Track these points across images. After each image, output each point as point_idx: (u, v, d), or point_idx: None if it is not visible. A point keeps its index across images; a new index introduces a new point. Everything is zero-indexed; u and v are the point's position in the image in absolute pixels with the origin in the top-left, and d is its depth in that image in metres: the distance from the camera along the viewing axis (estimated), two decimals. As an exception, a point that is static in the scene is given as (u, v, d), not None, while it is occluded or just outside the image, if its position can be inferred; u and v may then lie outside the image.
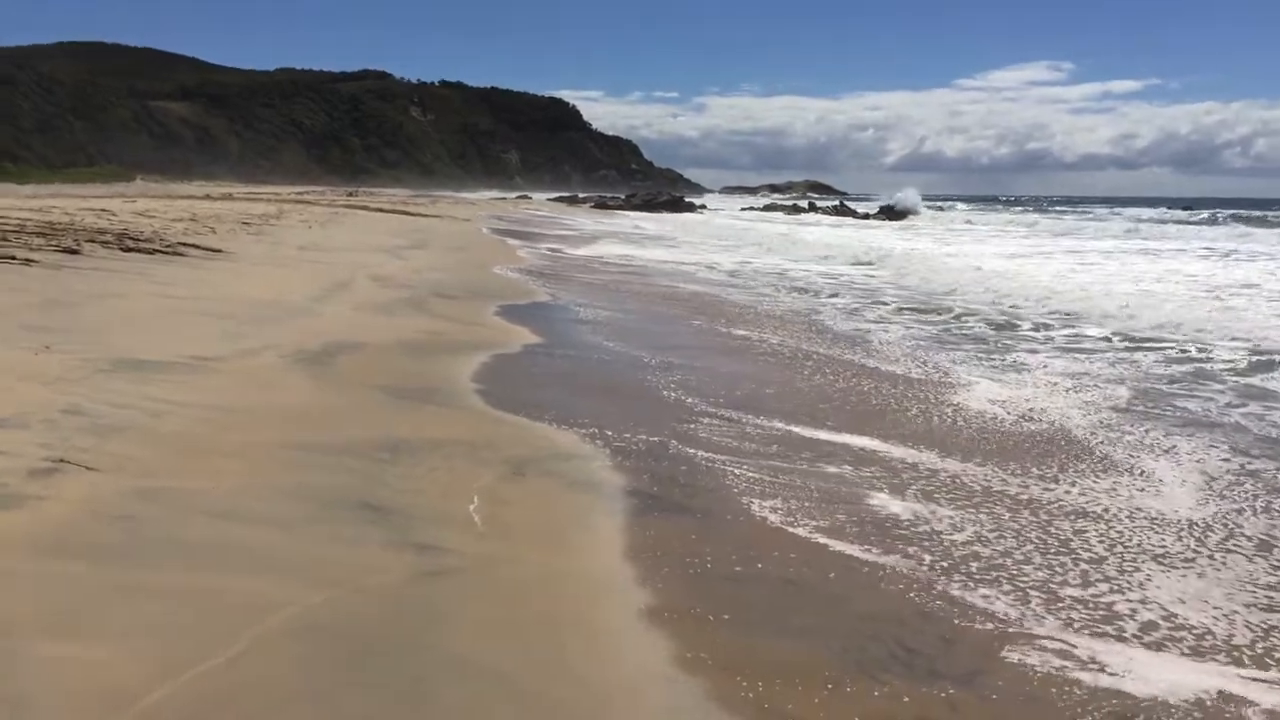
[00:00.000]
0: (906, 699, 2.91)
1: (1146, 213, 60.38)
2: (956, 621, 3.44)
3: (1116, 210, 63.21)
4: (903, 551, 4.07)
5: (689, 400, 6.73)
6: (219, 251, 12.90)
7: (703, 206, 65.78)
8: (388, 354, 7.42)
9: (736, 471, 5.09)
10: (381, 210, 34.32)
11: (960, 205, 75.12)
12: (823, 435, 5.92)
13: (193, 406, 5.26)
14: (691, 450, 5.45)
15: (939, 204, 74.91)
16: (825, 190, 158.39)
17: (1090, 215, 57.97)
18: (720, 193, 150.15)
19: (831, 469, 5.26)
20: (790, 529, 4.29)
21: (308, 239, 17.33)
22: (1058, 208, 73.83)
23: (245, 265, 12.12)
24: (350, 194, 60.75)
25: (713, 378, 7.75)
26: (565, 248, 24.33)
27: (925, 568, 3.91)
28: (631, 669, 3.04)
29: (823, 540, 4.17)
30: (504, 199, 73.09)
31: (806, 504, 4.62)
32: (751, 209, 71.73)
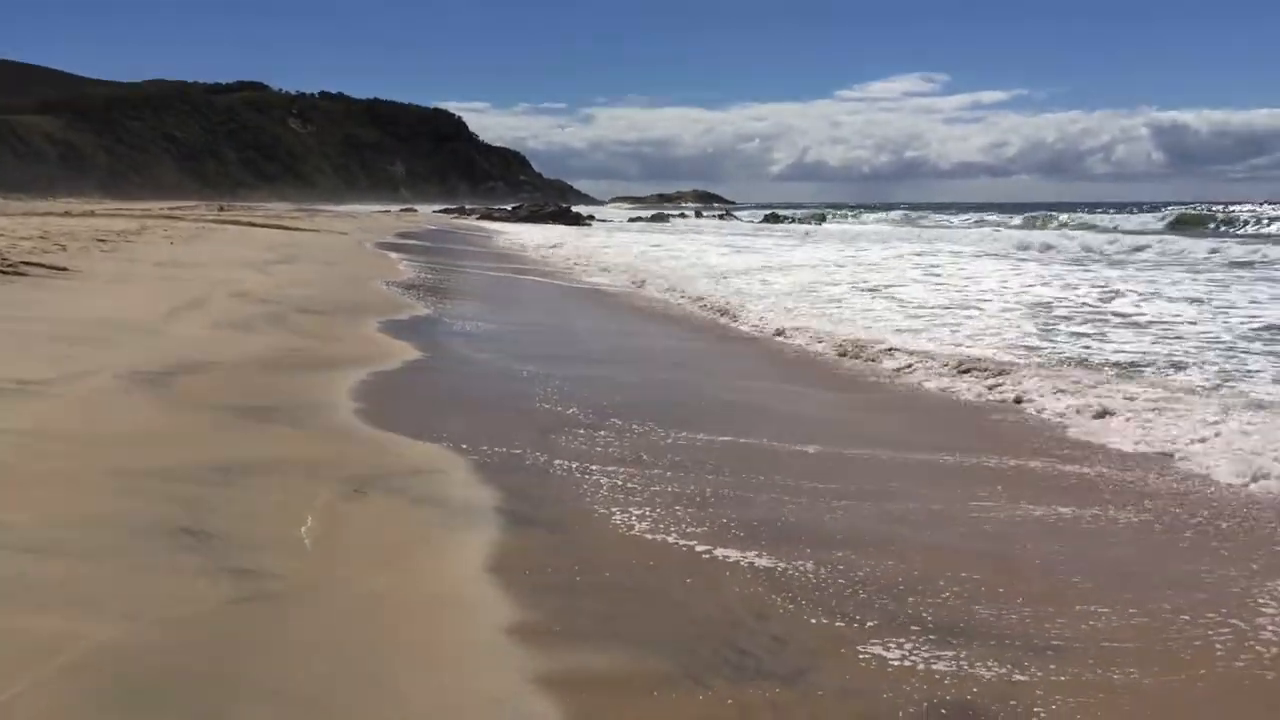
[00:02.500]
0: (730, 701, 2.89)
1: (991, 217, 62.99)
2: (790, 621, 3.44)
3: (981, 216, 65.72)
4: (757, 553, 4.07)
5: (561, 409, 6.65)
6: (64, 270, 12.23)
7: (590, 218, 65.76)
8: (239, 373, 7.12)
9: (600, 480, 5.04)
10: (254, 225, 33.21)
11: (855, 214, 77.06)
12: (685, 437, 5.91)
13: (8, 433, 4.93)
14: (554, 460, 5.37)
15: (827, 212, 76.79)
16: (714, 199, 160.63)
17: (943, 222, 60.06)
18: (610, 203, 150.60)
19: (694, 472, 5.25)
20: (649, 536, 4.25)
21: (168, 255, 16.61)
22: (930, 213, 76.50)
23: (93, 283, 11.51)
24: (221, 208, 58.56)
25: (585, 385, 7.70)
26: (450, 260, 24.01)
27: (773, 567, 3.92)
28: (464, 691, 2.93)
29: (677, 544, 4.15)
30: (388, 212, 71.75)
31: (667, 510, 4.59)
32: (640, 219, 72.18)
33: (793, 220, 63.08)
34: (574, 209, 70.99)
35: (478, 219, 62.96)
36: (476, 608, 3.51)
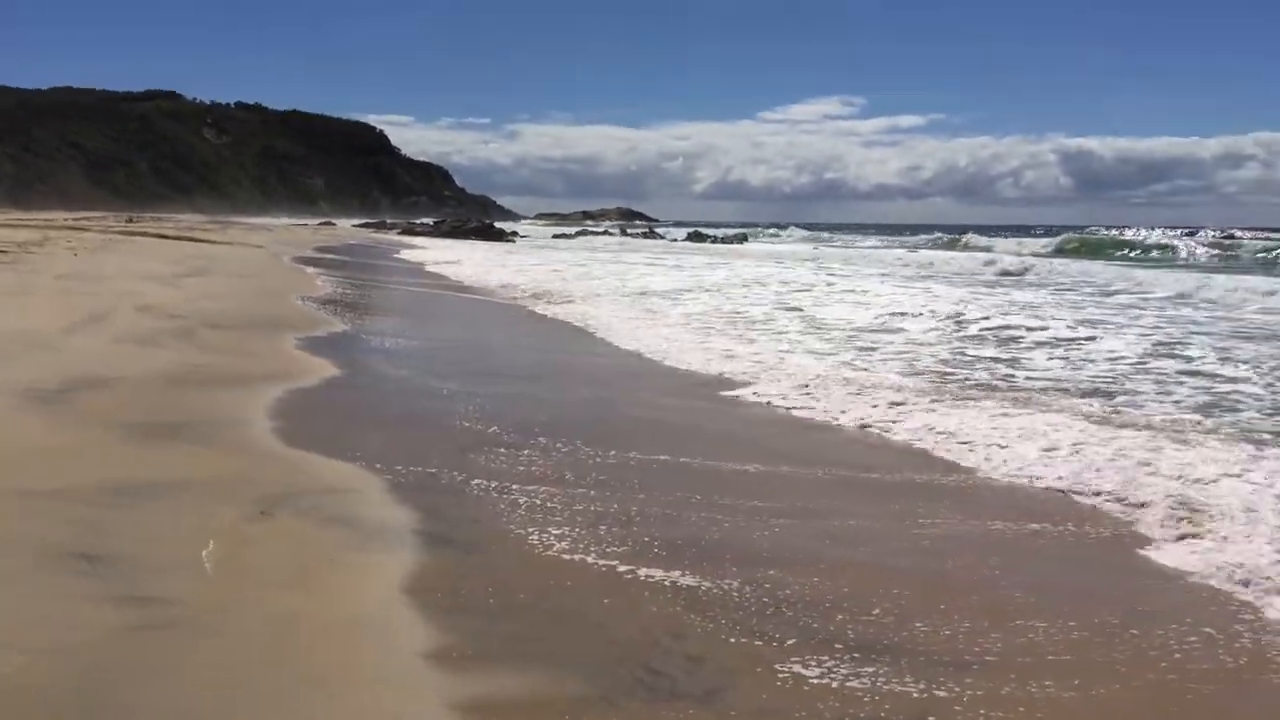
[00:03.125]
0: (642, 725, 2.86)
1: (905, 239, 64.51)
2: (707, 640, 3.43)
3: (895, 237, 67.12)
4: (677, 572, 4.05)
5: (480, 427, 6.56)
6: (-40, 282, 11.68)
7: (514, 234, 65.44)
8: (143, 389, 6.87)
9: (519, 500, 4.96)
10: (164, 237, 32.24)
11: (772, 233, 77.96)
12: (607, 455, 5.88)
13: (-111, 454, 4.66)
14: (472, 479, 5.28)
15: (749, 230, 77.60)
16: (638, 217, 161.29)
17: (853, 242, 61.26)
18: (535, 219, 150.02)
19: (616, 491, 5.21)
20: (568, 556, 4.20)
21: (71, 268, 15.99)
22: (847, 234, 77.95)
23: (-12, 297, 11.02)
24: (129, 219, 56.65)
25: (505, 403, 7.61)
26: (370, 275, 23.62)
27: (693, 586, 3.90)
28: (377, 717, 2.85)
29: (596, 564, 4.10)
30: (306, 225, 70.34)
31: (587, 529, 4.54)
32: (564, 236, 72.12)
33: (715, 239, 63.67)
34: (498, 225, 70.62)
35: (399, 234, 62.19)
36: (390, 631, 3.42)
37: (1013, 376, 9.48)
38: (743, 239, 66.09)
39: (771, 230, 79.91)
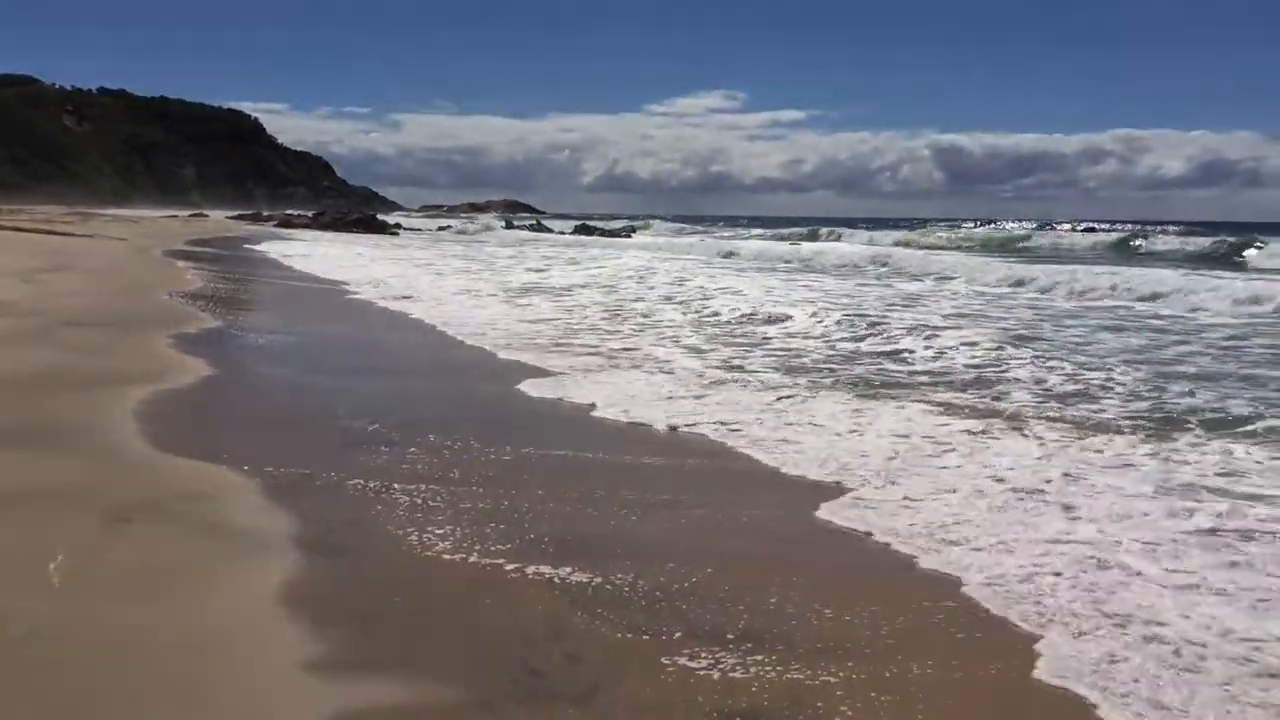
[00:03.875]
0: (521, 727, 2.84)
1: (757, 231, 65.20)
2: (585, 638, 3.42)
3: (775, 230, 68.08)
4: (556, 569, 4.02)
5: (360, 425, 6.40)
6: None
7: (397, 226, 64.02)
8: (-8, 393, 6.46)
9: (399, 499, 4.86)
10: (19, 229, 30.39)
11: (655, 222, 78.15)
12: (493, 451, 5.80)
13: None
14: (350, 479, 5.14)
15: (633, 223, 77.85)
16: (525, 209, 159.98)
17: (740, 234, 61.79)
18: (419, 211, 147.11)
19: (500, 487, 5.15)
20: (448, 556, 4.12)
21: (-86, 263, 14.95)
22: (738, 227, 79.04)
23: None
24: (-24, 211, 53.06)
25: (386, 399, 7.45)
26: (245, 269, 22.78)
27: (572, 583, 3.88)
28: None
29: (478, 563, 4.04)
30: (175, 217, 67.31)
31: (470, 528, 4.47)
32: (448, 227, 71.02)
33: (604, 232, 63.60)
34: (380, 217, 69.02)
35: (276, 225, 60.11)
36: (263, 641, 3.30)
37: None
38: (631, 232, 66.29)
39: (653, 221, 79.97)
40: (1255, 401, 7.63)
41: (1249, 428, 6.76)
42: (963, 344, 10.55)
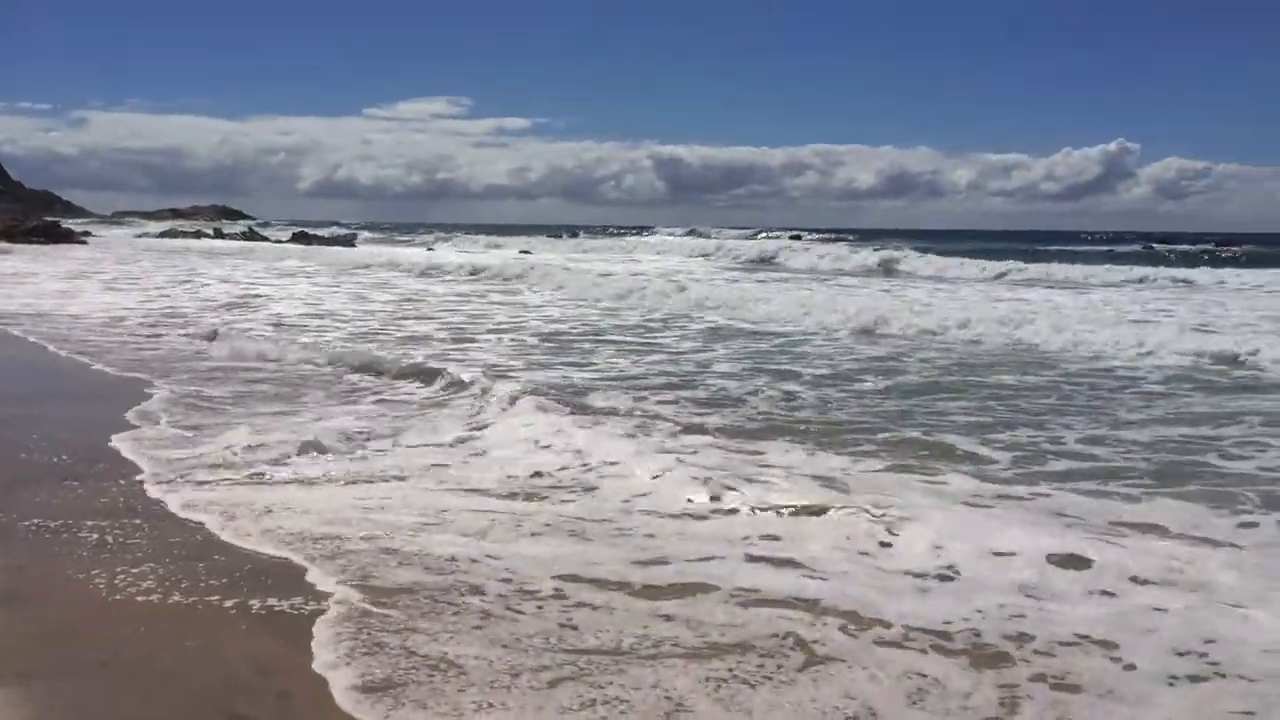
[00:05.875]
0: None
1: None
2: (295, 673, 3.24)
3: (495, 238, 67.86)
4: (260, 600, 3.78)
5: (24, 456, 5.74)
6: None
7: (86, 234, 58.05)
8: None
9: (81, 537, 4.39)
10: None
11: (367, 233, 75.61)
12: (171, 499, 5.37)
13: None
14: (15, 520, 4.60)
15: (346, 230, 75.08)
16: (238, 216, 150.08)
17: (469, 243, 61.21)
18: (113, 217, 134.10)
19: (188, 516, 4.78)
20: (141, 599, 3.77)
21: None
22: (461, 234, 78.24)
23: None
24: None
25: (51, 424, 6.72)
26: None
27: (281, 613, 3.66)
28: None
29: (178, 602, 3.72)
30: None
31: (160, 564, 4.10)
32: (147, 235, 65.34)
33: (325, 240, 60.78)
34: (65, 224, 62.30)
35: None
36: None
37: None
38: (352, 240, 63.94)
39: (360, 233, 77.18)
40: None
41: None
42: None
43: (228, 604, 3.75)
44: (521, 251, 43.74)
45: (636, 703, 2.98)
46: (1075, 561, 4.19)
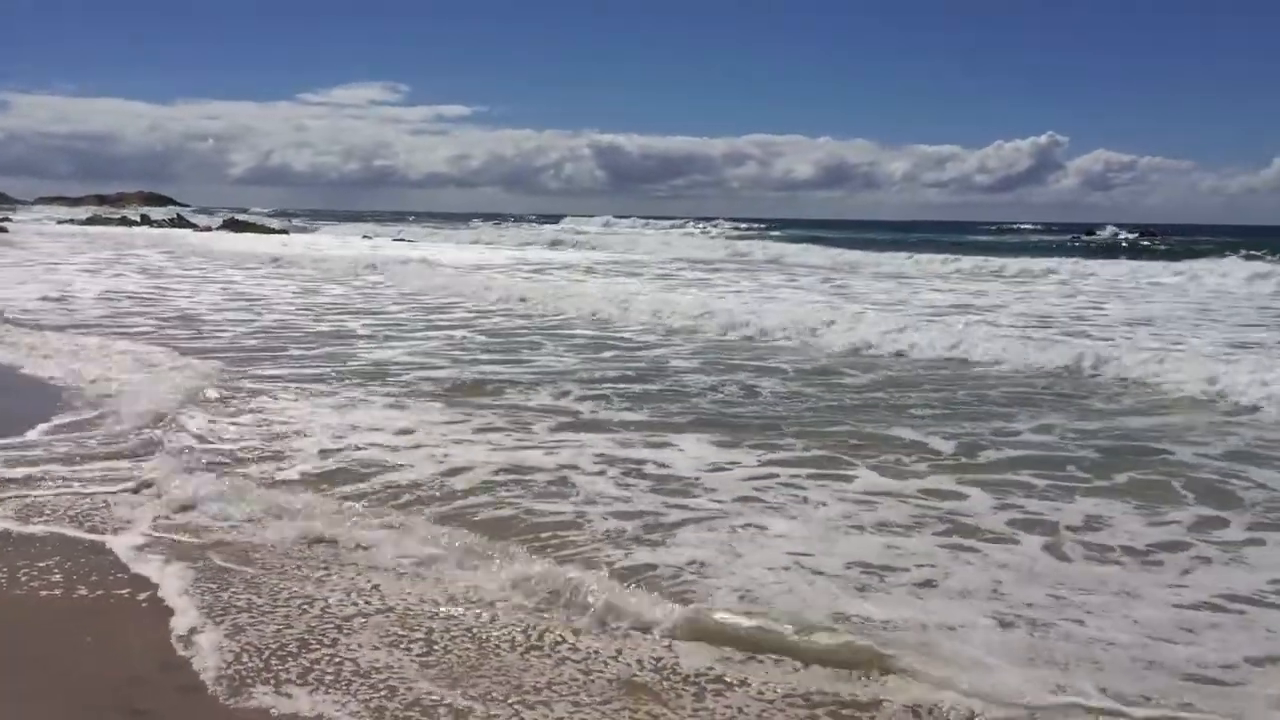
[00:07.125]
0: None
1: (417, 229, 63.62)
2: (199, 665, 3.33)
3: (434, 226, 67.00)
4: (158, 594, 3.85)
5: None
6: None
7: (5, 221, 56.25)
8: None
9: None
10: None
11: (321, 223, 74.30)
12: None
13: None
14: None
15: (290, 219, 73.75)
16: (166, 202, 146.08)
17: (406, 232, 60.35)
18: (36, 204, 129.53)
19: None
20: (18, 591, 3.81)
21: None
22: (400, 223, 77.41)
23: None
24: None
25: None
26: None
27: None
28: None
29: (82, 595, 3.78)
30: None
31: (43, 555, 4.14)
32: (72, 222, 63.47)
33: (260, 229, 59.55)
34: (-16, 211, 60.21)
35: None
36: None
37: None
38: (285, 229, 62.77)
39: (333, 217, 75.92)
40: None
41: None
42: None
43: (126, 598, 3.80)
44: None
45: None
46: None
